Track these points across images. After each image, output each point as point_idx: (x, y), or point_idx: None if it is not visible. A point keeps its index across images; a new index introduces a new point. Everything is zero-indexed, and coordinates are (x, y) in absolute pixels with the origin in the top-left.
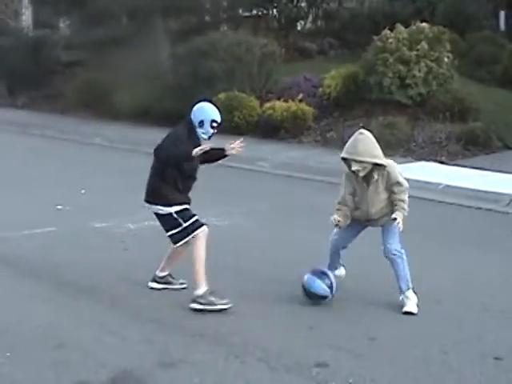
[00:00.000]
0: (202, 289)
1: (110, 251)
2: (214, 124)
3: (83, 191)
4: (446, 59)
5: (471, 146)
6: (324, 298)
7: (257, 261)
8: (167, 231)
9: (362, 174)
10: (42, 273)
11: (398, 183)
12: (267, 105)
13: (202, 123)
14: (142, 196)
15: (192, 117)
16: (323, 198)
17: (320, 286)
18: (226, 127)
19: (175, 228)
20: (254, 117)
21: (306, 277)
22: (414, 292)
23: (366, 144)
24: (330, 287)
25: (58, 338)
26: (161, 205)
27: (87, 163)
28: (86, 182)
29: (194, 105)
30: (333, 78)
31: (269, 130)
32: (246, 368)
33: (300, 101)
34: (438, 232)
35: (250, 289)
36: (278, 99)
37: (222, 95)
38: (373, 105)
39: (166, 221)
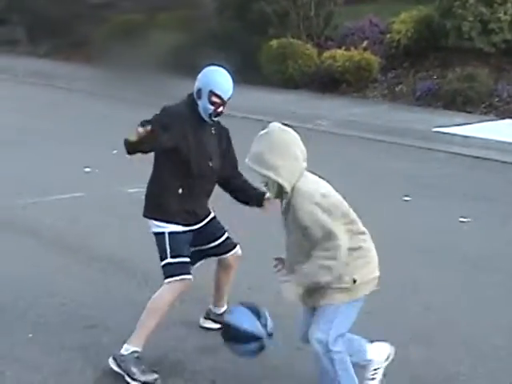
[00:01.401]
0: (130, 348)
1: (145, 221)
2: (215, 99)
3: (115, 151)
4: None
5: None
6: (258, 339)
7: None
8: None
9: (271, 195)
10: (69, 244)
11: (307, 229)
12: (326, 54)
13: (199, 93)
14: None
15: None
16: (391, 162)
17: (253, 324)
18: (278, 79)
19: (162, 258)
20: (310, 67)
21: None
22: None
23: (262, 144)
24: (265, 326)
25: (86, 319)
26: (155, 218)
27: (119, 120)
28: (117, 142)
29: (243, 53)
30: (403, 22)
31: (328, 82)
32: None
33: (364, 49)
34: None
35: None
36: (339, 47)
37: (273, 42)
38: (449, 53)
39: (158, 244)
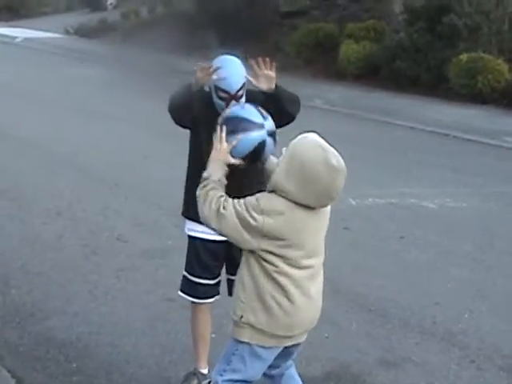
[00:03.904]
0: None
1: (329, 229)
2: (222, 94)
3: None
4: None
5: None
6: None
7: (501, 251)
8: None
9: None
10: None
11: None
12: None
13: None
14: (366, 169)
15: None
16: None
17: None
18: (466, 94)
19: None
20: (500, 83)
21: None
22: None
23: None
24: None
25: None
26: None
27: (304, 127)
28: None
29: (431, 66)
30: None
31: None
32: (482, 375)
33: None
34: None
35: (490, 283)
36: None
37: (463, 56)
38: None
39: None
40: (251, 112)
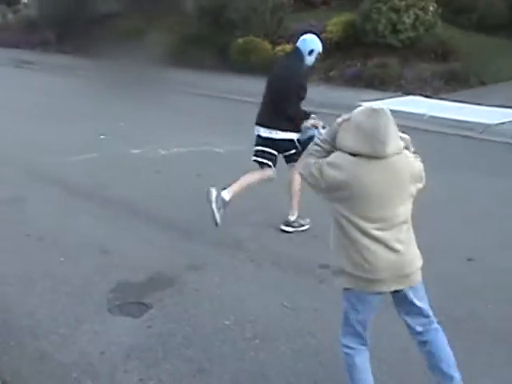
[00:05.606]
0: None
1: (145, 173)
2: (318, 56)
3: (122, 124)
4: (431, 8)
5: (452, 83)
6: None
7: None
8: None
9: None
10: (89, 192)
11: None
12: (278, 48)
13: (311, 52)
14: (170, 127)
15: (300, 45)
16: None
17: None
18: (243, 67)
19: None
20: (266, 58)
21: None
22: None
23: None
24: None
25: (102, 246)
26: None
27: (126, 99)
28: (123, 116)
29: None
30: (334, 24)
31: None
32: (260, 270)
33: None
34: (423, 155)
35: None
36: (288, 43)
37: (240, 40)
38: (369, 47)
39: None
40: None
